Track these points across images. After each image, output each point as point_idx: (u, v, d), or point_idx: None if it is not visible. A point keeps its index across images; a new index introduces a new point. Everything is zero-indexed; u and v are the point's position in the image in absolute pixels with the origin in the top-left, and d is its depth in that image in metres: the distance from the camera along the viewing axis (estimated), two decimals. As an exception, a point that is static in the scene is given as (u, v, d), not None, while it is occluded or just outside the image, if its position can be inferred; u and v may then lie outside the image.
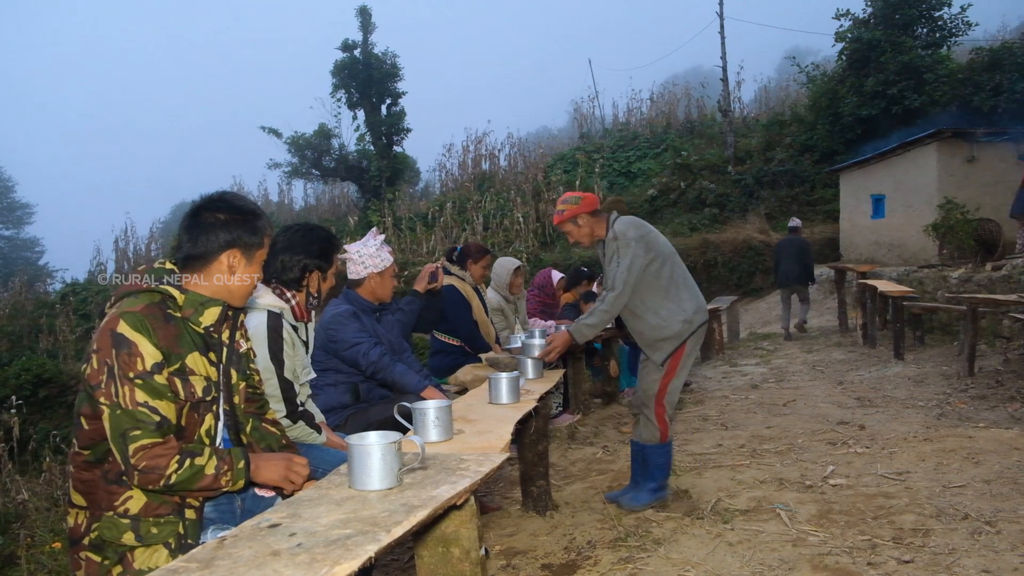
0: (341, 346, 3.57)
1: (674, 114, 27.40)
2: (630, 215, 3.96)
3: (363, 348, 3.58)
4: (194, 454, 1.97)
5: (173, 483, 1.93)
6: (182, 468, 1.93)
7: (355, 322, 3.65)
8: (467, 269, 5.45)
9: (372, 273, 3.73)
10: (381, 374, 3.62)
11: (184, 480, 1.94)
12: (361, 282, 3.76)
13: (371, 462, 1.89)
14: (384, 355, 3.62)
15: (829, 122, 19.52)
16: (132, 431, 1.90)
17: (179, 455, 1.94)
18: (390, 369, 3.61)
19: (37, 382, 11.67)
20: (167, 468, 1.92)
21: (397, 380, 3.63)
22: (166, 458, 1.92)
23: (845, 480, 4.13)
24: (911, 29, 18.81)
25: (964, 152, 13.68)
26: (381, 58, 24.45)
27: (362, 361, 3.59)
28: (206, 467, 1.98)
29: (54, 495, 6.04)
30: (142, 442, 1.90)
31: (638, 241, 3.74)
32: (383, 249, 3.78)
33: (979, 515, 3.45)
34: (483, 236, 20.04)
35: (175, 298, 2.07)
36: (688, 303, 3.82)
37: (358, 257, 3.73)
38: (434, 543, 2.00)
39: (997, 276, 9.66)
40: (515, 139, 27.23)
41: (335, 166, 25.53)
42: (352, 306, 3.72)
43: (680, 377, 3.87)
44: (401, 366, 3.68)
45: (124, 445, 1.91)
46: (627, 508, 3.88)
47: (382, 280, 3.77)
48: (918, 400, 6.34)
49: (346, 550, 1.48)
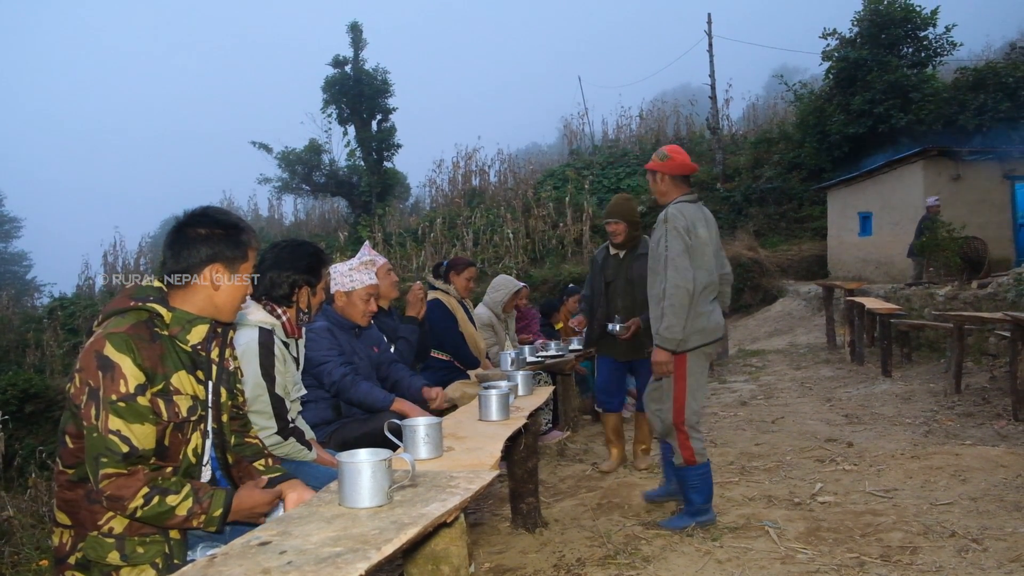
0: (310, 364, 3.47)
1: (663, 131, 27.56)
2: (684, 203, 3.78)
3: (327, 367, 3.52)
4: (167, 492, 1.94)
5: (138, 516, 1.93)
6: (148, 505, 1.91)
7: (327, 339, 3.59)
8: (450, 282, 5.46)
9: (339, 291, 3.71)
10: (345, 395, 3.55)
11: (150, 516, 1.93)
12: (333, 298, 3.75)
13: (361, 480, 1.90)
14: (347, 375, 3.54)
15: (816, 140, 19.68)
16: (101, 457, 1.89)
17: (148, 489, 1.92)
18: (353, 389, 3.53)
19: (23, 397, 11.59)
20: (131, 500, 1.90)
21: (362, 400, 3.55)
22: (131, 489, 1.90)
23: (833, 497, 4.15)
24: (897, 49, 19.04)
25: (950, 170, 13.83)
26: (372, 74, 24.56)
27: (326, 380, 3.53)
28: (177, 508, 1.95)
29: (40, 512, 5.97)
30: (107, 470, 1.89)
31: (684, 231, 3.64)
32: (359, 271, 3.72)
33: (966, 532, 3.47)
34: (473, 252, 20.06)
35: (162, 316, 2.06)
36: (698, 318, 3.65)
37: (333, 271, 3.72)
38: (424, 561, 1.99)
39: (983, 294, 9.74)
40: (505, 155, 27.35)
41: (325, 181, 25.56)
42: (328, 322, 3.68)
43: (696, 399, 3.74)
44: (365, 384, 3.58)
45: (96, 469, 1.90)
46: (665, 527, 3.78)
47: (348, 300, 3.71)
48: (905, 417, 6.38)
49: (336, 568, 1.48)
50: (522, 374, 4.07)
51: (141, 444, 1.93)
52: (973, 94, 17.24)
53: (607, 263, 5.08)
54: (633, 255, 4.94)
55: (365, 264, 3.78)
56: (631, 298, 4.88)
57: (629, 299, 4.90)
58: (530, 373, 4.26)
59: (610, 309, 4.98)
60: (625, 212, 4.92)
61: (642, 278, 4.49)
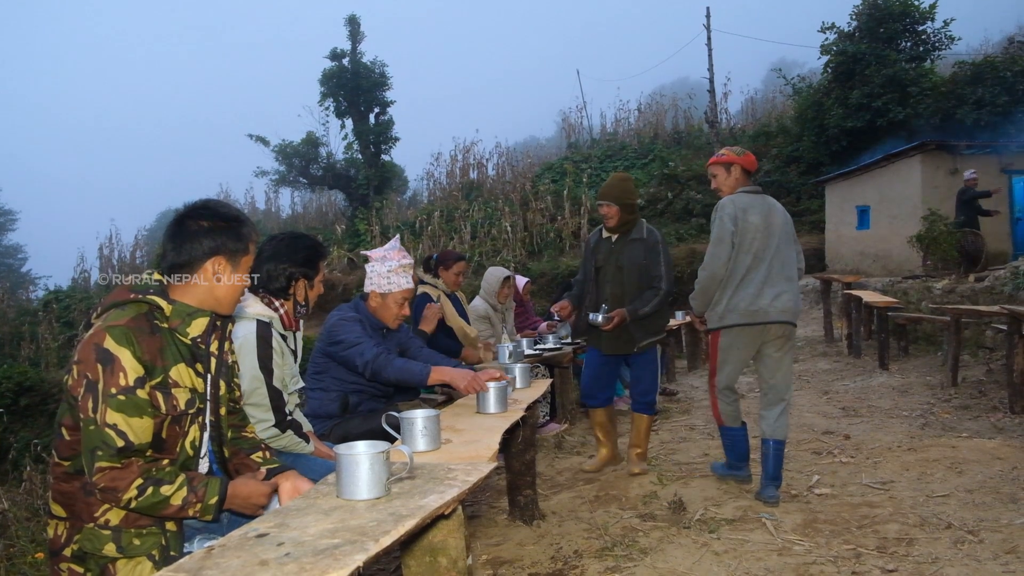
0: (341, 347, 3.49)
1: (661, 125, 27.54)
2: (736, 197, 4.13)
3: (361, 347, 3.50)
4: (160, 482, 1.94)
5: (133, 507, 1.92)
6: (143, 495, 1.91)
7: (357, 325, 3.60)
8: (439, 276, 5.46)
9: (374, 292, 3.72)
10: (381, 373, 3.48)
11: (145, 507, 1.93)
12: (368, 296, 3.75)
13: (359, 472, 1.89)
14: (381, 354, 3.50)
15: (815, 134, 19.67)
16: (97, 451, 1.89)
17: (142, 480, 1.91)
18: (389, 367, 3.47)
19: (18, 390, 11.54)
20: (125, 492, 1.89)
21: (399, 375, 3.49)
22: (124, 481, 1.90)
23: (830, 489, 4.16)
24: (895, 43, 19.03)
25: (947, 164, 13.83)
26: (370, 67, 24.48)
27: (358, 361, 3.48)
28: (172, 497, 1.94)
29: (35, 505, 5.97)
30: (101, 464, 1.89)
31: (729, 218, 4.00)
32: (398, 273, 3.70)
33: (962, 524, 3.48)
34: (471, 245, 20.04)
35: (162, 309, 2.05)
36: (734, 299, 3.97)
37: (370, 270, 3.72)
38: (421, 552, 1.99)
39: (980, 287, 9.77)
40: (503, 148, 27.28)
41: (323, 174, 25.49)
42: (358, 313, 3.69)
43: (724, 371, 4.11)
44: (400, 360, 3.54)
45: (92, 462, 1.90)
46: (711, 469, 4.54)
47: (383, 303, 3.72)
48: (902, 410, 6.39)
49: (334, 560, 1.48)
50: (520, 366, 4.07)
51: (137, 438, 1.93)
52: (971, 88, 17.24)
53: (599, 247, 4.72)
54: (626, 240, 4.60)
55: (404, 268, 3.74)
56: (620, 286, 4.55)
57: (618, 287, 4.56)
58: (528, 365, 4.26)
59: (598, 297, 4.62)
60: (618, 194, 4.55)
61: (634, 265, 4.53)
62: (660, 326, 4.66)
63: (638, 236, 4.58)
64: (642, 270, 4.54)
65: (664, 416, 6.71)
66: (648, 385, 4.72)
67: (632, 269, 4.53)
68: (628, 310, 4.45)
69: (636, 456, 4.74)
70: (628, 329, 4.51)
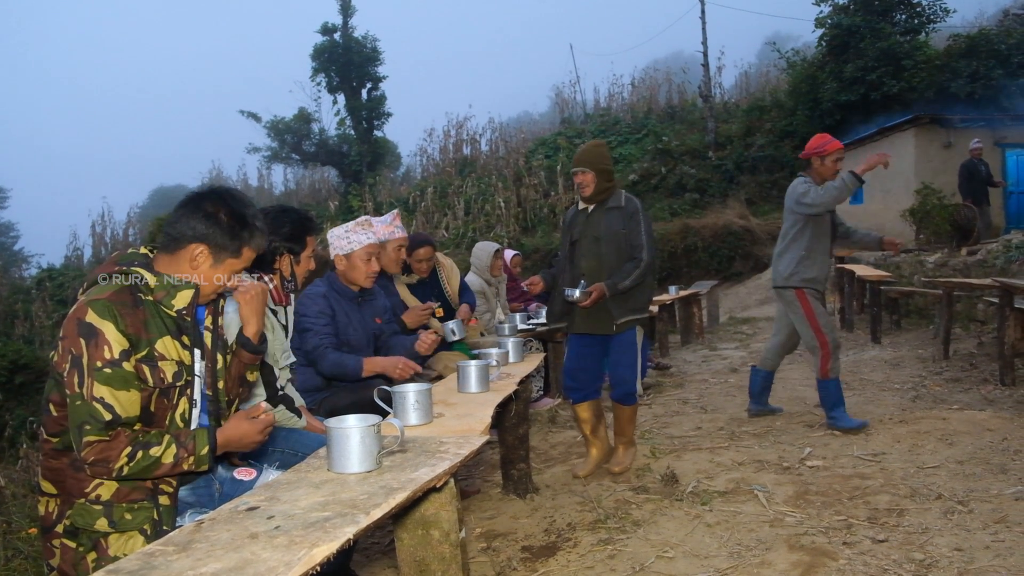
0: (297, 328, 3.39)
1: (655, 99, 27.44)
2: None
3: (307, 336, 3.44)
4: (148, 445, 1.93)
5: (125, 475, 1.91)
6: (133, 460, 1.90)
7: (318, 304, 3.53)
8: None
9: (338, 255, 3.65)
10: (317, 367, 3.46)
11: (138, 471, 1.92)
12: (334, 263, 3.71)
13: (350, 445, 1.89)
14: (318, 347, 3.42)
15: (809, 108, 19.61)
16: (85, 425, 1.88)
17: (131, 447, 1.90)
18: (322, 362, 3.42)
19: (13, 368, 11.54)
20: (116, 462, 1.89)
21: (333, 371, 3.44)
22: (114, 451, 1.89)
23: (822, 462, 4.18)
24: (890, 15, 18.91)
25: (941, 138, 13.83)
26: (361, 42, 24.29)
27: (307, 348, 3.45)
28: (162, 457, 1.94)
29: (31, 482, 5.98)
30: (89, 438, 1.87)
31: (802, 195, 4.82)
32: (355, 231, 3.65)
33: (952, 495, 3.51)
34: (464, 221, 20.02)
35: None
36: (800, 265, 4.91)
37: (331, 237, 3.68)
38: (414, 525, 2.00)
39: (972, 261, 9.79)
40: (496, 124, 27.21)
41: (315, 151, 25.38)
42: (328, 287, 3.64)
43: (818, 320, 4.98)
44: (333, 354, 3.44)
45: (79, 437, 1.89)
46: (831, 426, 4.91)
47: (349, 263, 3.63)
48: (894, 383, 6.42)
49: (324, 532, 1.48)
50: (513, 340, 4.06)
51: (125, 411, 1.92)
52: (965, 61, 17.19)
53: (575, 220, 4.30)
54: (603, 209, 4.16)
55: (361, 224, 3.68)
56: (597, 258, 4.11)
57: (595, 259, 4.11)
58: (521, 340, 4.25)
59: (574, 272, 4.18)
60: (593, 159, 4.13)
61: (612, 234, 4.10)
62: (642, 303, 4.18)
63: (615, 204, 4.15)
64: (621, 240, 4.08)
65: (657, 390, 6.73)
66: (626, 372, 4.18)
67: (610, 239, 4.09)
68: (607, 284, 3.98)
69: (621, 448, 4.33)
70: (606, 306, 4.06)
